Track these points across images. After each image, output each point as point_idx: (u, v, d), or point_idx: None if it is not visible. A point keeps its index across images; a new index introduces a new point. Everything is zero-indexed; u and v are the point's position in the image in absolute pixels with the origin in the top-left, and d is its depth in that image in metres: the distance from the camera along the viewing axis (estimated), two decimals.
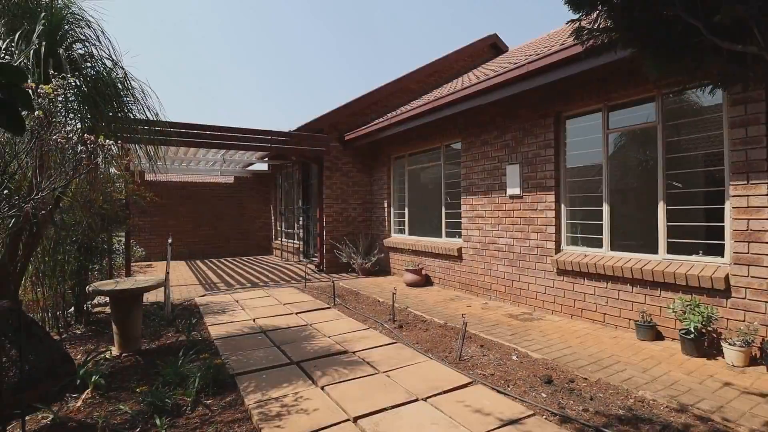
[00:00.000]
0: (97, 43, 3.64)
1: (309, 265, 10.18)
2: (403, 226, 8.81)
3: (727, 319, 3.71)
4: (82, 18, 3.61)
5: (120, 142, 4.07)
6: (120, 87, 3.84)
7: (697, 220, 4.21)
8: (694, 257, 4.09)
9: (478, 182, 6.53)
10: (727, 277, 3.69)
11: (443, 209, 7.51)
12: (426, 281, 7.65)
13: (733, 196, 3.67)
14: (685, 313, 3.78)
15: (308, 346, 4.21)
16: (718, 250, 3.93)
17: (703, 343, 3.70)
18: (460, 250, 6.85)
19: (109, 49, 3.72)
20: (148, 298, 6.61)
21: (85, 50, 3.57)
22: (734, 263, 3.68)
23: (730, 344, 3.47)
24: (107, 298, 4.97)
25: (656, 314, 4.23)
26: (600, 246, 4.94)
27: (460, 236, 7.02)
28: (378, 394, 3.06)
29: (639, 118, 4.67)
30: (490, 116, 6.29)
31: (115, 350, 4.18)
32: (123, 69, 3.74)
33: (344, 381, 3.32)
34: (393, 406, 2.87)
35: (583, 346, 4.11)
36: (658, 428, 2.57)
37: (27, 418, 2.92)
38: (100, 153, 2.83)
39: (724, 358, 3.57)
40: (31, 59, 2.77)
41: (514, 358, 3.80)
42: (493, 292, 6.26)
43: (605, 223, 4.88)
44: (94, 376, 3.34)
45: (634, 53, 2.48)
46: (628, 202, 5.05)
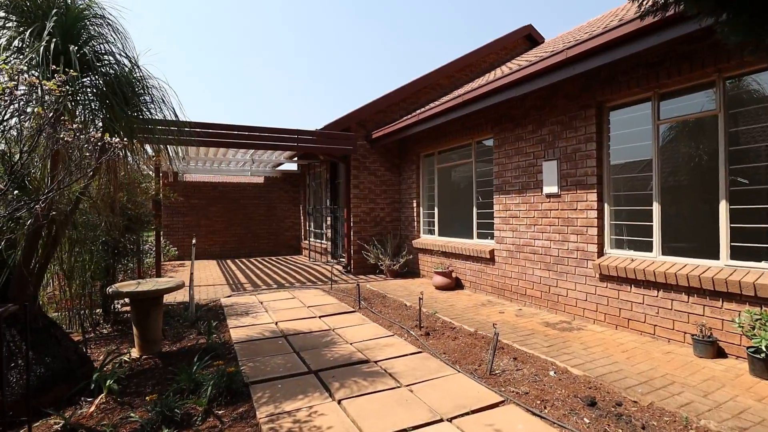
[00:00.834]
0: (113, 41, 3.56)
1: (336, 266, 10.04)
2: (433, 226, 8.49)
3: None
4: (101, 16, 3.54)
5: (136, 141, 4.05)
6: (138, 86, 3.77)
7: None
8: (763, 264, 3.58)
9: (512, 180, 6.13)
10: None
11: (474, 209, 7.14)
12: (456, 284, 7.30)
13: None
14: (754, 328, 3.29)
15: (328, 354, 4.00)
16: None
17: None
18: (492, 252, 6.47)
19: (125, 47, 3.63)
20: (176, 297, 6.63)
21: (102, 48, 3.50)
22: None
23: None
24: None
25: (717, 328, 3.74)
26: (649, 250, 4.46)
27: (492, 238, 6.64)
28: (399, 412, 2.79)
29: (694, 107, 4.17)
30: (525, 109, 5.88)
31: (135, 352, 4.12)
32: (139, 68, 3.64)
33: (363, 395, 3.07)
34: (414, 427, 2.60)
35: (631, 361, 3.68)
36: None
37: (37, 423, 2.86)
38: (107, 151, 2.71)
39: None
40: (41, 56, 2.69)
41: (552, 374, 3.43)
42: (527, 297, 5.85)
43: (656, 224, 4.39)
44: (109, 381, 3.25)
45: (716, 24, 2.05)
46: (682, 201, 4.53)
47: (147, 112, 3.84)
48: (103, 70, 3.53)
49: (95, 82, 3.51)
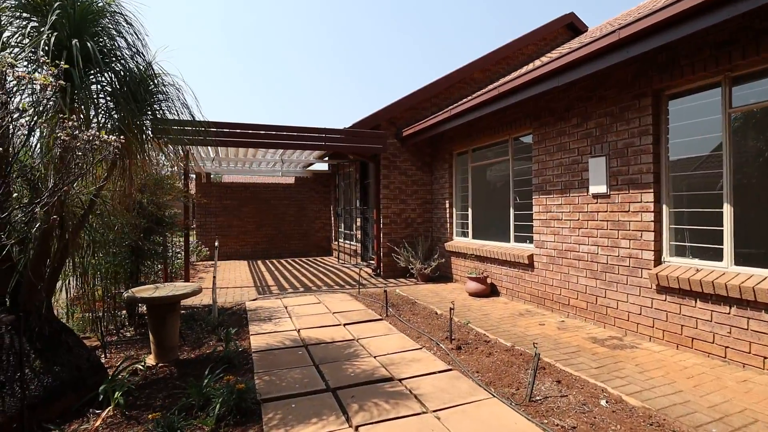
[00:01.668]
0: (125, 37, 3.39)
1: (365, 269, 9.75)
2: (466, 228, 8.03)
3: None
4: (114, 12, 3.39)
5: (155, 142, 3.90)
6: (151, 85, 3.61)
7: None
8: None
9: (554, 179, 5.60)
10: None
11: (511, 210, 6.64)
12: (491, 291, 6.82)
13: None
14: None
15: (349, 368, 3.68)
16: None
17: None
18: (531, 257, 5.96)
19: (142, 45, 3.47)
20: (202, 300, 6.55)
21: (112, 44, 3.34)
22: None
23: None
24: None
25: None
26: (718, 258, 3.86)
27: (531, 241, 6.13)
28: None
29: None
30: (568, 101, 5.35)
31: (151, 359, 3.97)
32: (150, 65, 3.47)
33: (384, 420, 2.73)
34: None
35: (699, 391, 3.13)
36: None
37: None
38: (107, 151, 2.51)
39: None
40: (40, 51, 2.52)
41: (603, 403, 2.96)
42: (571, 308, 5.31)
43: (727, 229, 3.79)
44: (117, 392, 3.08)
45: None
46: (760, 203, 3.89)
47: (161, 112, 3.68)
48: (116, 68, 3.38)
49: (109, 79, 3.37)
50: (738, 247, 3.75)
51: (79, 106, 2.83)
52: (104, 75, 3.30)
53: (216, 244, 5.63)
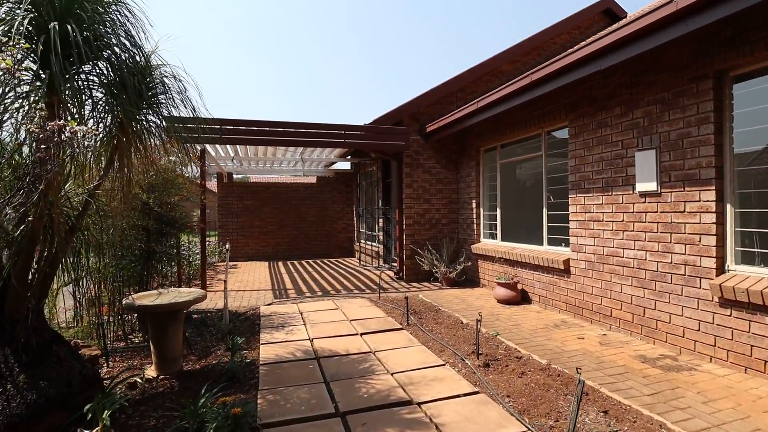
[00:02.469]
0: (119, 25, 3.12)
1: (387, 272, 9.36)
2: (495, 230, 7.51)
3: None
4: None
5: (171, 140, 3.65)
6: (149, 78, 3.34)
7: None
8: None
9: (593, 176, 5.05)
10: None
11: (545, 210, 6.10)
12: (522, 298, 6.30)
13: None
14: None
15: (363, 387, 3.29)
16: None
17: None
18: (567, 262, 5.42)
19: (133, 32, 3.19)
20: (216, 303, 6.32)
21: (106, 31, 3.07)
22: None
23: None
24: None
25: None
26: None
27: (567, 245, 5.58)
28: None
29: None
30: (611, 89, 4.78)
31: (151, 371, 3.71)
32: (145, 57, 3.20)
33: None
34: None
35: None
36: None
37: None
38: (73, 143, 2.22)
39: None
40: (13, 34, 2.25)
41: None
42: (613, 319, 4.75)
43: None
44: (106, 412, 2.80)
45: None
46: None
47: (158, 107, 3.42)
48: (109, 56, 3.11)
49: (102, 70, 3.11)
50: None
51: (61, 96, 2.56)
52: (96, 65, 3.04)
53: (227, 246, 5.36)
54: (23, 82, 2.30)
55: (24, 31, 2.29)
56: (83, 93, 3.05)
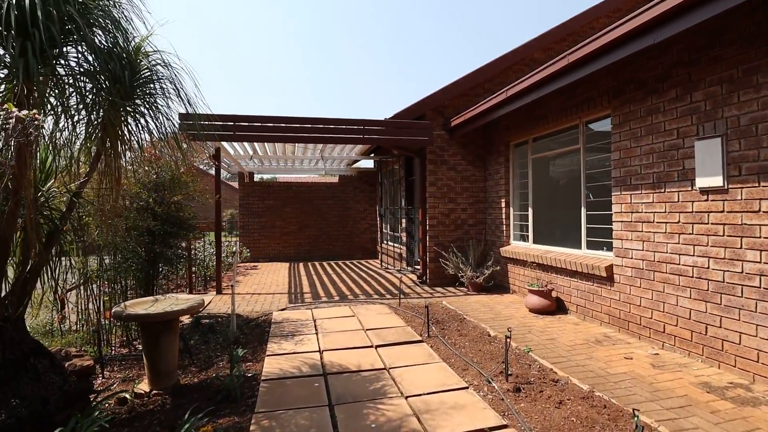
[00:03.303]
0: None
1: (410, 275, 8.89)
2: (526, 231, 6.91)
3: None
4: None
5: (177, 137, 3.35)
6: (138, 68, 3.04)
7: None
8: None
9: (641, 170, 4.41)
10: None
11: (583, 210, 5.47)
12: (557, 307, 5.69)
13: None
14: None
15: (371, 415, 2.85)
16: None
17: None
18: (610, 268, 4.79)
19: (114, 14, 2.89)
20: (229, 308, 6.03)
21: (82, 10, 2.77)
22: None
23: None
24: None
25: None
26: None
27: (609, 249, 4.94)
28: None
29: None
30: (663, 69, 4.15)
31: (144, 385, 3.40)
32: (127, 40, 2.88)
33: None
34: None
35: None
36: None
37: None
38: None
39: None
40: None
41: None
42: (667, 336, 4.11)
43: None
44: None
45: None
46: None
47: (146, 98, 3.10)
48: (88, 40, 2.80)
49: (81, 55, 2.81)
50: None
51: (15, 80, 2.25)
52: (74, 48, 2.74)
53: (234, 249, 5.06)
54: None
55: None
56: (63, 81, 2.78)
